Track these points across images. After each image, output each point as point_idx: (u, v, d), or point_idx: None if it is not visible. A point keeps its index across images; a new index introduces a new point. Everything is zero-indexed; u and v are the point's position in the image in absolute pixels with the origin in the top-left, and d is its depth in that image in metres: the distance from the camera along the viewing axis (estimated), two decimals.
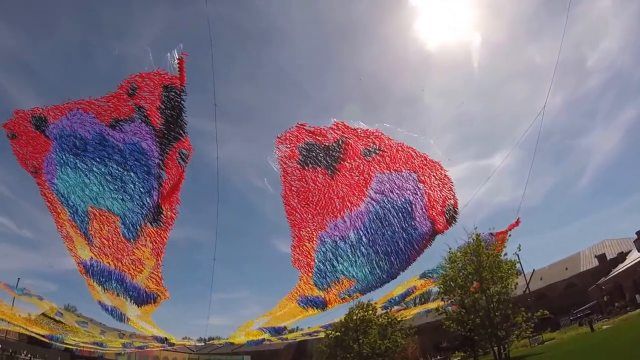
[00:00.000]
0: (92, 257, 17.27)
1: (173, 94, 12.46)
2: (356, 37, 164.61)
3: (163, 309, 20.41)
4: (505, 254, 24.87)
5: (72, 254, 17.86)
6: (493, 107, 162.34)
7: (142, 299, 18.71)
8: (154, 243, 15.98)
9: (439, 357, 50.07)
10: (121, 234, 15.63)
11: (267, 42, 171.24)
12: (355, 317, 33.55)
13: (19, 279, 42.35)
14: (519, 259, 28.48)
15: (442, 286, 25.50)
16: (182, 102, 12.67)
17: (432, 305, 36.60)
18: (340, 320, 34.75)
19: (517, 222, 23.48)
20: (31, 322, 31.73)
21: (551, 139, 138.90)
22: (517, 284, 24.17)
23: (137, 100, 12.70)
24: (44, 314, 35.23)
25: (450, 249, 25.37)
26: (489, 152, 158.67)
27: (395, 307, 36.10)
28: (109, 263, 17.07)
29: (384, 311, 34.96)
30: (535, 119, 16.23)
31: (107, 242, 16.13)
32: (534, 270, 49.30)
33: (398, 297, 32.53)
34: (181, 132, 13.36)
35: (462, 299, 24.12)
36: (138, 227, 15.37)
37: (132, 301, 19.04)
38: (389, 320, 34.42)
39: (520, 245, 25.67)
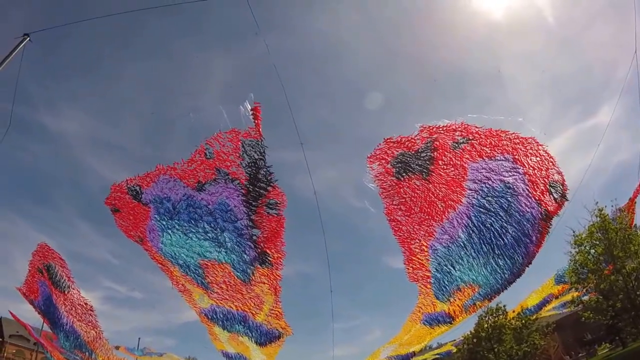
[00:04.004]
0: (212, 304, 17.76)
1: (252, 147, 12.74)
2: (416, 30, 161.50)
3: (285, 347, 20.39)
4: (636, 225, 22.69)
5: (191, 306, 18.52)
6: (581, 59, 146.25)
7: (266, 337, 18.79)
8: (269, 281, 16.06)
9: (584, 353, 46.00)
10: (236, 277, 15.94)
11: (328, 59, 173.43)
12: (486, 325, 31.63)
13: (139, 338, 44.51)
14: None
15: (572, 275, 23.62)
16: (264, 154, 12.88)
17: (567, 297, 33.91)
18: (471, 332, 33.01)
19: None
20: None
21: None
22: None
23: (217, 163, 13.11)
24: None
25: (574, 232, 23.49)
26: (591, 110, 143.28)
27: None
28: (230, 306, 17.42)
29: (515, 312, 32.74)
30: (632, 60, 14.78)
31: (225, 287, 16.53)
32: None
33: (534, 308, 30.29)
34: (266, 185, 13.48)
35: (597, 284, 22.16)
36: (249, 271, 15.56)
37: (256, 342, 19.17)
38: (523, 321, 32.00)
39: None
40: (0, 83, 11.13)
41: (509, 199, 15.35)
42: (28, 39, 11.90)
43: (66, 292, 20.68)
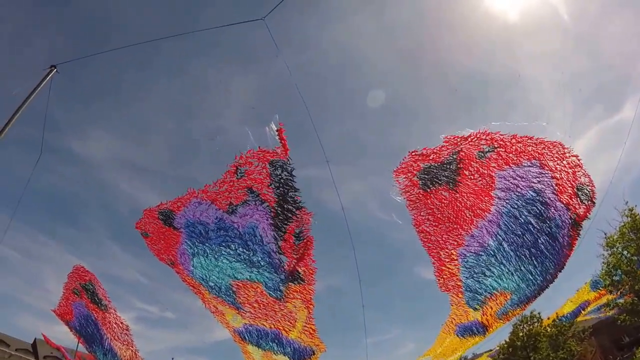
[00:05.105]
0: (245, 323, 17.91)
1: (281, 168, 12.89)
2: (433, 34, 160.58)
3: None
4: None
5: (224, 326, 18.65)
6: (600, 54, 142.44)
7: (300, 354, 18.81)
8: (303, 295, 16.10)
9: (622, 357, 44.79)
10: (268, 295, 16.05)
11: (347, 71, 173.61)
12: (521, 334, 31.11)
13: (172, 358, 44.75)
14: None
15: (606, 278, 23.19)
16: (292, 174, 13.00)
17: (602, 300, 33.25)
18: (506, 341, 32.49)
19: None
20: None
21: None
22: None
23: (247, 183, 13.22)
24: None
25: (605, 234, 23.06)
26: (614, 106, 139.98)
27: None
28: (263, 324, 17.54)
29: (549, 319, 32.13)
30: None
31: (257, 306, 16.63)
32: None
33: (570, 315, 29.71)
34: (294, 208, 13.56)
35: (631, 285, 21.71)
36: (282, 289, 15.67)
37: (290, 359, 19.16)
38: (559, 328, 31.39)
39: None
40: (30, 112, 11.49)
41: (538, 205, 15.24)
42: (55, 70, 12.31)
43: (105, 312, 21.09)
